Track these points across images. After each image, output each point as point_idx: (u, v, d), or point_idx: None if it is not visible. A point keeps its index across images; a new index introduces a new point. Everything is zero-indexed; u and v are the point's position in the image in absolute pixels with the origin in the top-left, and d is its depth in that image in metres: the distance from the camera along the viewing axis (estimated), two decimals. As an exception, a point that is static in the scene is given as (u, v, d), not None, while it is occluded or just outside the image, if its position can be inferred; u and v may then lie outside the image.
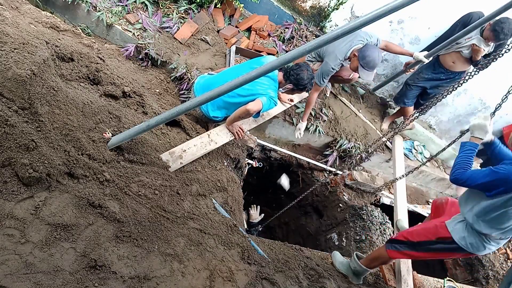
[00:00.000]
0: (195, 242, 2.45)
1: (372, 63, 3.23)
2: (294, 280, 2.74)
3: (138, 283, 2.05)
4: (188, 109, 2.27)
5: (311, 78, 3.06)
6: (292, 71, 3.04)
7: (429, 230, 2.64)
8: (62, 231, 1.98)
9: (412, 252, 2.69)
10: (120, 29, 3.55)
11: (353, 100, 4.64)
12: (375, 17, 1.80)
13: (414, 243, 2.65)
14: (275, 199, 5.40)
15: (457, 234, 2.48)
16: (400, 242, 2.73)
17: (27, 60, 2.10)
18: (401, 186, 3.92)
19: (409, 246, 2.68)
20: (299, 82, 3.04)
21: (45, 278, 1.79)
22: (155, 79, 3.60)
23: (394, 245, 2.77)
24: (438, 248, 2.58)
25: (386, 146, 4.69)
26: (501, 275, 4.63)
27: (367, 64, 3.24)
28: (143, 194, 2.42)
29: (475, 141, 2.40)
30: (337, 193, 4.43)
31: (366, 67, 3.26)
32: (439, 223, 2.63)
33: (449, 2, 3.88)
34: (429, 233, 2.61)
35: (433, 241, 2.57)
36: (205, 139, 3.06)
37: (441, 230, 2.56)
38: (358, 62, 3.28)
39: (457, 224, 2.51)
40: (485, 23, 3.34)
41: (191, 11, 3.88)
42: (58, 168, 2.11)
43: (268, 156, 4.38)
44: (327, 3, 4.11)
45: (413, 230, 2.77)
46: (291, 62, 2.14)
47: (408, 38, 4.22)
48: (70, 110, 2.33)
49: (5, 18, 2.39)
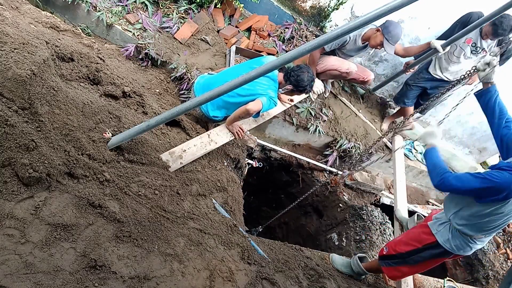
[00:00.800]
0: (195, 242, 2.45)
1: (397, 36, 3.42)
2: (294, 280, 2.74)
3: (138, 283, 2.05)
4: (188, 109, 2.27)
5: (311, 80, 3.08)
6: (292, 72, 3.05)
7: (413, 237, 2.64)
8: (62, 231, 1.98)
9: (405, 266, 2.69)
10: (120, 29, 3.55)
11: (353, 100, 4.64)
12: (375, 17, 1.81)
13: (404, 255, 2.64)
14: (275, 199, 5.40)
15: (441, 236, 2.47)
16: (391, 257, 2.73)
17: (27, 60, 2.10)
18: (401, 186, 3.92)
19: (401, 260, 2.68)
20: (299, 84, 3.05)
21: (45, 278, 1.79)
22: (155, 79, 3.60)
23: (387, 262, 2.78)
24: (427, 255, 2.58)
25: (386, 146, 4.69)
26: (501, 275, 4.63)
27: (392, 37, 3.40)
28: (143, 194, 2.42)
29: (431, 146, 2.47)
30: (337, 193, 4.43)
31: (391, 41, 3.41)
32: (421, 227, 2.65)
33: (449, 2, 3.88)
34: (414, 240, 2.61)
35: (420, 248, 2.57)
36: (205, 139, 3.06)
37: (424, 236, 2.56)
38: (383, 37, 3.41)
39: (440, 226, 2.50)
40: (484, 23, 3.34)
41: (191, 11, 3.88)
42: (58, 168, 2.11)
43: (268, 156, 4.38)
44: (327, 3, 4.11)
45: (399, 239, 2.77)
46: (291, 62, 2.14)
47: (408, 38, 4.22)
48: (70, 110, 2.33)
49: (5, 18, 2.39)
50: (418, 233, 2.63)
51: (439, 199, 5.62)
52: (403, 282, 3.16)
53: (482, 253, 4.72)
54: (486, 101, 2.46)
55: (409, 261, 2.64)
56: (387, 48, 3.45)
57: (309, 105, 4.07)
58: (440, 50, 3.64)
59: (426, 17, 4.04)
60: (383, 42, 3.42)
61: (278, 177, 4.91)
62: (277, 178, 4.94)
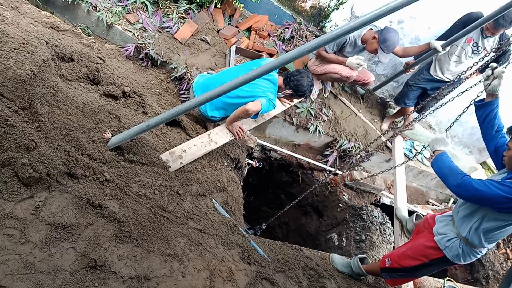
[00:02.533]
0: (195, 242, 2.45)
1: (392, 46, 3.38)
2: (294, 280, 2.74)
3: (138, 283, 2.05)
4: (188, 109, 2.27)
5: (310, 85, 3.08)
6: (292, 77, 3.05)
7: (418, 251, 2.56)
8: (62, 231, 1.98)
9: (412, 278, 2.71)
10: (120, 29, 3.55)
11: (353, 100, 4.64)
12: (375, 17, 1.81)
13: (411, 269, 2.58)
14: (275, 199, 5.40)
15: (450, 252, 2.43)
16: (396, 271, 2.66)
17: (27, 60, 2.10)
18: (401, 186, 3.92)
19: (407, 273, 2.64)
20: (298, 88, 3.05)
21: (45, 278, 1.79)
22: (155, 79, 3.60)
23: (392, 274, 2.72)
24: (435, 269, 2.56)
25: (386, 146, 4.69)
26: (501, 275, 4.63)
27: (387, 47, 3.37)
28: (143, 194, 2.42)
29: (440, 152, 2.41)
30: (337, 193, 4.43)
31: (386, 50, 3.39)
32: (426, 240, 2.57)
33: (449, 2, 3.88)
34: (419, 254, 2.55)
35: (428, 263, 2.52)
36: (205, 139, 3.06)
37: (431, 251, 2.50)
38: (378, 45, 3.38)
39: (448, 242, 2.43)
40: (484, 23, 3.33)
41: (191, 11, 3.88)
42: (58, 168, 2.11)
43: (268, 156, 4.38)
44: (327, 3, 4.11)
45: (403, 253, 2.66)
46: (291, 62, 2.14)
47: (408, 38, 4.22)
48: (70, 110, 2.33)
49: (5, 18, 2.39)
50: (424, 248, 2.54)
51: (439, 199, 5.62)
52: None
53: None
54: (486, 113, 2.42)
55: (417, 274, 2.63)
56: (381, 57, 3.45)
57: (309, 105, 4.07)
58: (440, 50, 3.63)
59: (426, 17, 4.04)
60: (378, 51, 3.42)
61: (278, 177, 4.91)
62: (277, 178, 4.94)
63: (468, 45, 3.79)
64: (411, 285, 3.20)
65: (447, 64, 3.97)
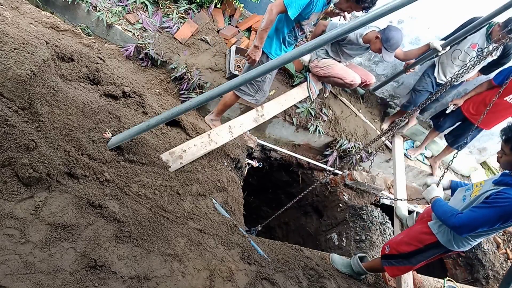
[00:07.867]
0: (195, 242, 2.45)
1: (396, 44, 3.34)
2: (294, 280, 2.74)
3: (138, 283, 2.05)
4: (188, 109, 2.27)
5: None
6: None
7: (414, 237, 2.67)
8: (62, 231, 1.98)
9: (408, 265, 2.73)
10: (120, 29, 3.55)
11: (353, 100, 4.64)
12: (375, 17, 1.81)
13: (407, 255, 2.67)
14: (275, 199, 5.40)
15: (442, 237, 2.51)
16: (394, 257, 2.75)
17: (27, 60, 2.10)
18: (401, 186, 3.92)
19: (404, 259, 2.71)
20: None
21: (45, 278, 1.79)
22: (155, 79, 3.60)
23: (390, 261, 2.80)
24: (429, 255, 2.63)
25: (386, 146, 4.69)
26: (501, 275, 4.63)
27: (390, 46, 3.33)
28: (143, 194, 2.42)
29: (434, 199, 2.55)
30: (337, 193, 4.42)
31: (390, 49, 3.35)
32: (421, 227, 2.67)
33: (449, 2, 3.88)
34: (415, 240, 2.64)
35: (422, 248, 2.60)
36: (205, 139, 3.06)
37: (425, 237, 2.59)
38: (382, 44, 3.35)
39: (441, 227, 2.53)
40: (484, 23, 3.33)
41: (191, 11, 3.88)
42: (58, 168, 2.11)
43: (268, 156, 4.38)
44: (327, 3, 4.11)
45: (400, 239, 2.78)
46: (291, 62, 2.14)
47: (408, 38, 4.22)
48: (70, 110, 2.33)
49: (5, 18, 2.39)
50: (419, 233, 2.65)
51: (439, 199, 5.62)
52: (403, 282, 3.16)
53: (482, 253, 4.71)
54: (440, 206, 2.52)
55: (413, 261, 2.68)
56: (385, 56, 3.43)
57: (309, 105, 4.07)
58: (440, 49, 3.63)
59: (426, 17, 4.04)
60: (382, 50, 3.40)
61: (278, 177, 4.91)
62: (277, 178, 4.93)
63: (473, 50, 3.76)
64: (411, 285, 3.20)
65: (451, 68, 3.96)
